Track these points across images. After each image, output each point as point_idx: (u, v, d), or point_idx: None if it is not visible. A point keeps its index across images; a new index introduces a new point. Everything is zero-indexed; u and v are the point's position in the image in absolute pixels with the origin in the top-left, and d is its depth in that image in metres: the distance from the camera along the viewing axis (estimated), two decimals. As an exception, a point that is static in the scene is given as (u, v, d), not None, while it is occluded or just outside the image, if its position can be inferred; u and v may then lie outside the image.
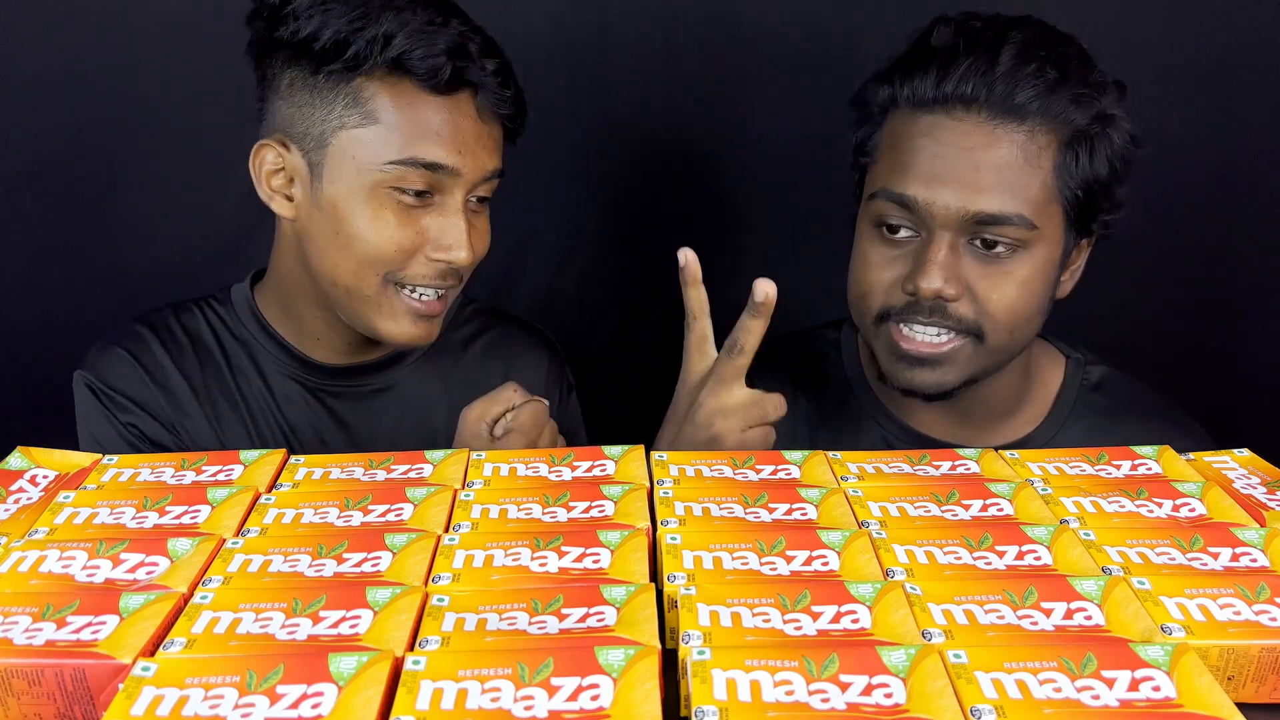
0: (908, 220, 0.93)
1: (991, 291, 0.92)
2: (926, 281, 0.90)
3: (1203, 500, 0.72)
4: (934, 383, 0.95)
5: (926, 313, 0.93)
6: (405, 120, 0.92)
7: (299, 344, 1.05)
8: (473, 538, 0.66)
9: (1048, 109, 0.89)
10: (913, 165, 0.91)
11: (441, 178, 0.93)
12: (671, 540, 0.65)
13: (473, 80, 0.94)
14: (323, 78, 0.92)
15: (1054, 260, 0.94)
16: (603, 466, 0.76)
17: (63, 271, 1.37)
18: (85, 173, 1.33)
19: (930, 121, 0.91)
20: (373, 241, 0.93)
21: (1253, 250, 1.38)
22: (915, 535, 0.67)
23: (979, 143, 0.89)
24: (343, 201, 0.93)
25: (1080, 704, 0.51)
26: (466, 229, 0.95)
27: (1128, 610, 0.58)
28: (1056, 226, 0.93)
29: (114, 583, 0.61)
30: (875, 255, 0.96)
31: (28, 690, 0.54)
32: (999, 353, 0.96)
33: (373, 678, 0.52)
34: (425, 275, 0.96)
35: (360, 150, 0.92)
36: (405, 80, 0.92)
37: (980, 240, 0.91)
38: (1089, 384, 1.06)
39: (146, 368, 1.03)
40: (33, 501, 0.72)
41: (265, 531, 0.67)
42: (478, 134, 0.95)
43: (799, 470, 0.76)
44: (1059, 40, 0.93)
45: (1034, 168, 0.90)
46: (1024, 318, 0.94)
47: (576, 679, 0.51)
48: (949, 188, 0.90)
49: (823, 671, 0.52)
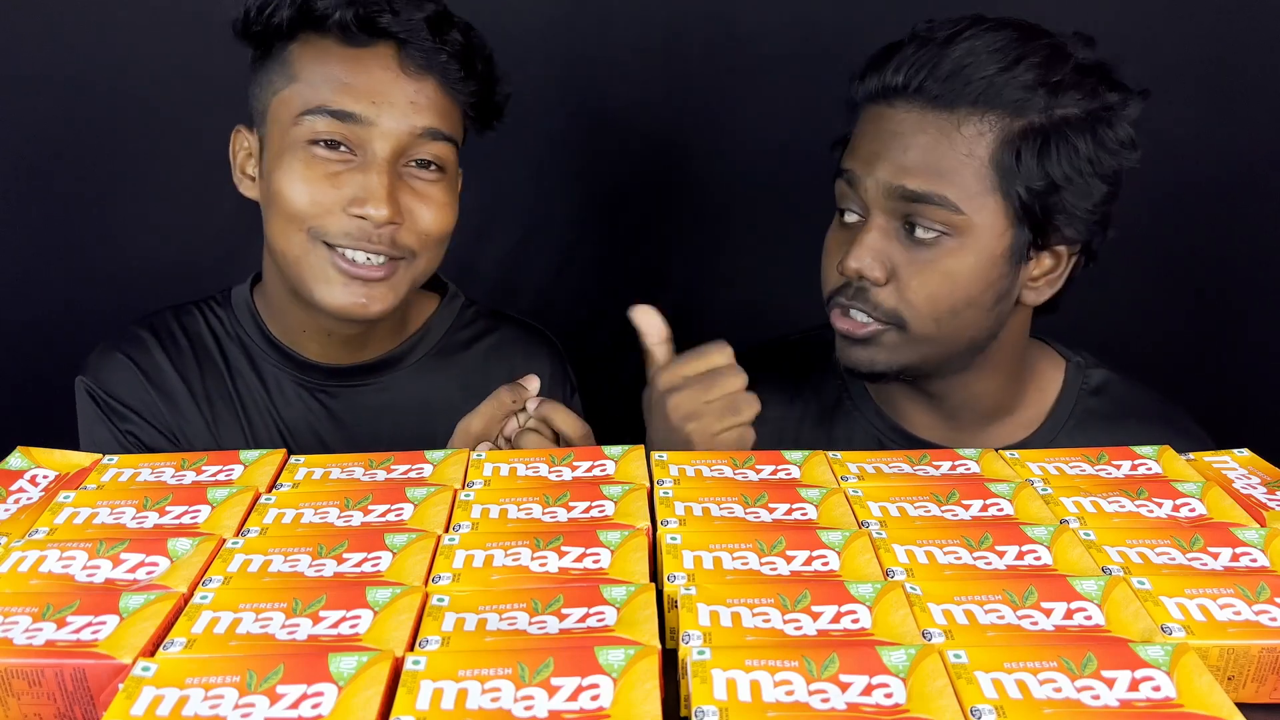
0: (854, 202, 0.96)
1: (913, 278, 0.92)
2: (852, 261, 0.93)
3: (1203, 500, 0.72)
4: (865, 361, 0.96)
5: (851, 293, 0.95)
6: (316, 72, 0.93)
7: (293, 344, 1.05)
8: (473, 538, 0.66)
9: (984, 99, 0.90)
10: (857, 148, 0.96)
11: (355, 129, 0.92)
12: (671, 540, 0.65)
13: (391, 30, 0.93)
14: (261, 54, 0.96)
15: (994, 255, 0.92)
16: (603, 466, 0.76)
17: (62, 271, 1.37)
18: (85, 173, 1.33)
19: (875, 111, 0.95)
20: (288, 194, 0.93)
21: (1252, 250, 1.39)
22: (915, 535, 0.67)
23: (909, 128, 0.92)
24: (273, 163, 0.95)
25: (1080, 704, 0.51)
26: (387, 186, 0.92)
27: (1128, 610, 0.58)
28: (996, 220, 0.92)
29: (114, 583, 0.61)
30: (831, 240, 0.99)
31: (28, 690, 0.54)
32: (930, 343, 0.94)
33: (373, 678, 0.52)
34: (348, 233, 0.93)
35: (282, 110, 0.94)
36: (325, 39, 0.93)
37: (912, 226, 0.92)
38: (1088, 388, 1.05)
39: (146, 373, 1.03)
40: (33, 501, 0.72)
41: (265, 531, 0.67)
42: (399, 87, 0.93)
43: (799, 470, 0.76)
44: (1026, 35, 0.92)
45: (964, 155, 0.91)
46: (948, 309, 0.93)
47: (576, 679, 0.51)
48: (881, 165, 0.93)
49: (823, 671, 0.52)
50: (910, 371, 0.97)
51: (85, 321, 1.36)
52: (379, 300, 0.96)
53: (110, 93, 1.30)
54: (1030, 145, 0.90)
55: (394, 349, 1.08)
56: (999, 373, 1.01)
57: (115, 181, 1.35)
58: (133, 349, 1.05)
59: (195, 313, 1.08)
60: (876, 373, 0.97)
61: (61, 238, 1.36)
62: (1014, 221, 0.93)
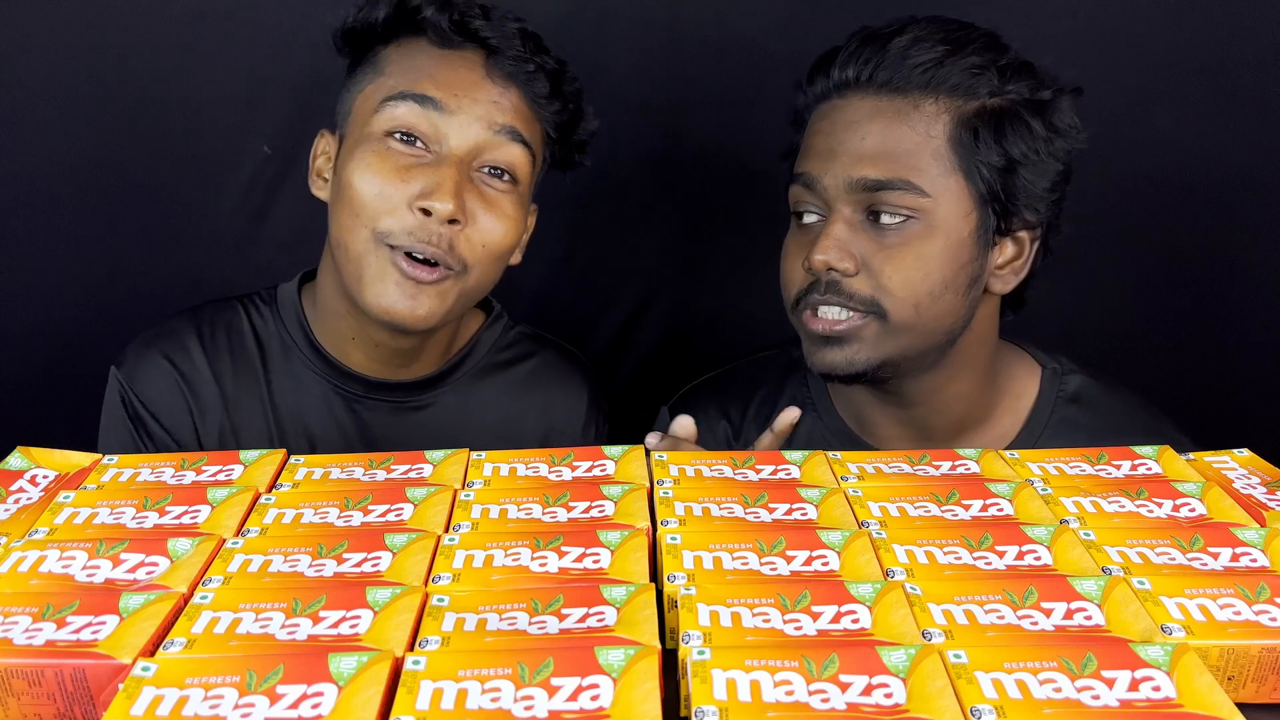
0: (813, 203, 0.95)
1: (886, 265, 0.92)
2: (819, 253, 0.92)
3: (1203, 500, 0.72)
4: (844, 361, 0.95)
5: (823, 290, 0.93)
6: (403, 66, 0.94)
7: (338, 352, 1.03)
8: (473, 538, 0.66)
9: (935, 80, 0.92)
10: (811, 147, 0.96)
11: (434, 118, 0.93)
12: (671, 540, 0.65)
13: (482, 35, 0.95)
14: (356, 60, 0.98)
15: (961, 237, 0.93)
16: (603, 466, 0.76)
17: (62, 272, 1.37)
18: (85, 173, 1.33)
19: (826, 108, 0.96)
20: (356, 186, 0.93)
21: (1252, 250, 1.38)
22: (915, 535, 0.67)
23: (863, 116, 0.93)
24: (346, 157, 0.95)
25: (1080, 704, 0.51)
26: (456, 183, 0.92)
27: (1128, 610, 0.58)
28: (960, 201, 0.92)
29: (114, 583, 0.61)
30: (791, 244, 0.99)
31: (28, 690, 0.54)
32: (908, 332, 0.94)
33: (373, 678, 0.52)
34: (409, 230, 0.92)
35: (365, 103, 0.95)
36: (417, 39, 0.95)
37: (876, 214, 0.92)
38: (1065, 395, 1.03)
39: (182, 376, 1.02)
40: (33, 501, 0.72)
41: (265, 531, 0.67)
42: (484, 88, 0.94)
43: (799, 470, 0.76)
44: (963, 27, 0.95)
45: (921, 136, 0.91)
46: (926, 293, 0.92)
47: (576, 679, 0.51)
48: (837, 160, 0.93)
49: (823, 671, 0.52)
50: (888, 367, 0.95)
51: (85, 321, 1.36)
52: (425, 304, 0.94)
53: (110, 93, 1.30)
54: (987, 124, 0.92)
55: (439, 368, 1.07)
56: (972, 372, 1.00)
57: (115, 182, 1.35)
58: (172, 348, 1.03)
59: (239, 309, 1.06)
60: (855, 372, 0.95)
61: (61, 238, 1.36)
62: (977, 203, 0.93)
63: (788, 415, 0.92)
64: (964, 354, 0.99)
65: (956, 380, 1.00)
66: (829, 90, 0.96)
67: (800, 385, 1.08)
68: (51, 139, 1.32)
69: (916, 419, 1.02)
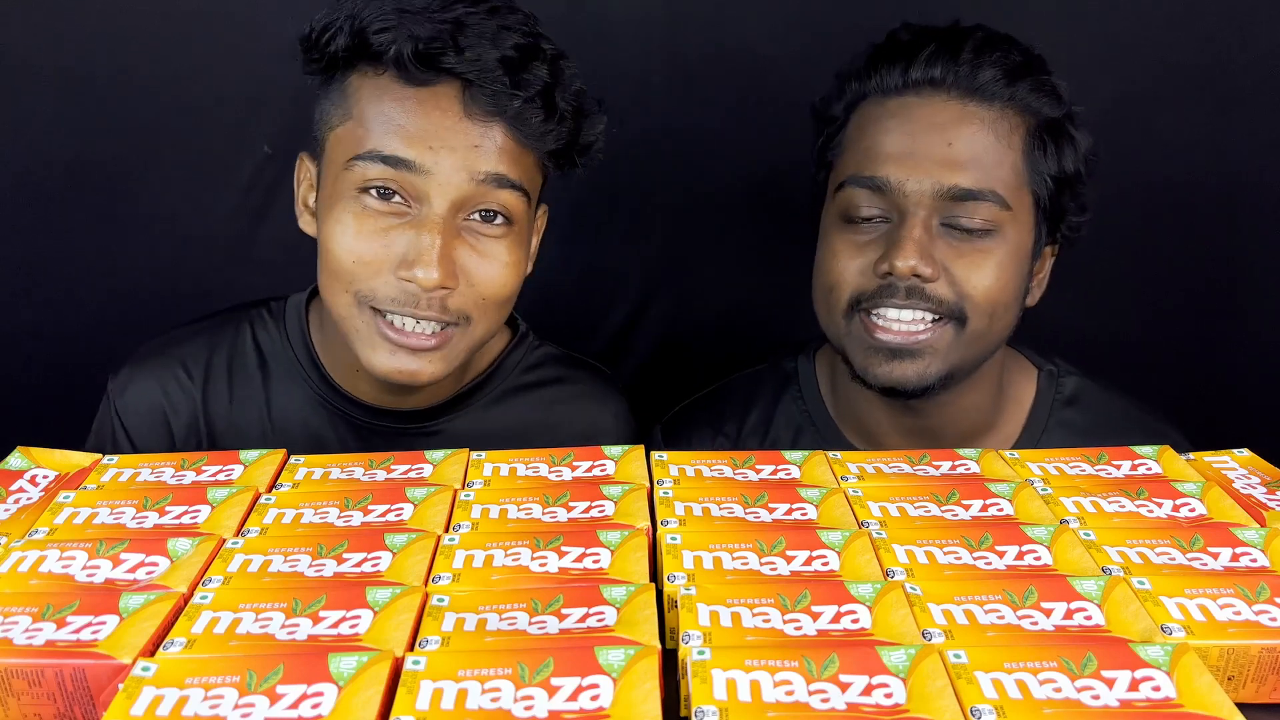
0: (878, 206, 0.92)
1: (970, 272, 0.90)
2: (903, 259, 0.88)
3: (1203, 500, 0.72)
4: (916, 375, 0.91)
5: (903, 295, 0.90)
6: (372, 112, 0.84)
7: (343, 378, 0.97)
8: (473, 538, 0.66)
9: (1014, 93, 0.91)
10: (884, 147, 0.91)
11: (411, 178, 0.83)
12: (671, 540, 0.65)
13: (456, 71, 0.83)
14: (323, 81, 0.88)
15: (1026, 250, 0.93)
16: (603, 466, 0.76)
17: (63, 272, 1.37)
18: (86, 173, 1.33)
19: (899, 104, 0.92)
20: (335, 251, 0.85)
21: (1252, 250, 1.38)
22: (915, 535, 0.67)
23: (950, 119, 0.90)
24: (324, 208, 0.87)
25: (1080, 704, 0.51)
26: (441, 246, 0.83)
27: (1128, 610, 0.58)
28: (1028, 214, 0.93)
29: (114, 583, 0.61)
30: (842, 244, 0.94)
31: (28, 690, 0.54)
32: (978, 341, 0.93)
33: (373, 678, 0.52)
34: (394, 298, 0.85)
35: (337, 150, 0.86)
36: (386, 74, 0.85)
37: (954, 223, 0.90)
38: (1062, 398, 1.03)
39: (168, 397, 0.98)
40: (33, 501, 0.72)
41: (265, 531, 0.67)
42: (462, 132, 0.84)
43: (799, 470, 0.76)
44: (1016, 41, 0.94)
45: (1005, 148, 0.90)
46: (1002, 303, 0.92)
47: (576, 679, 0.51)
48: (922, 165, 0.90)
49: (823, 671, 0.52)
50: (950, 380, 0.93)
51: (85, 321, 1.36)
52: (429, 369, 0.88)
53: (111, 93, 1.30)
54: (1052, 140, 0.92)
55: (455, 391, 0.99)
56: (986, 382, 0.99)
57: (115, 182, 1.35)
58: (166, 366, 0.98)
59: (246, 324, 1.00)
60: (926, 386, 0.92)
61: (61, 238, 1.36)
62: (1037, 218, 0.94)
63: None
64: (985, 365, 0.98)
65: (973, 391, 0.99)
66: (901, 85, 0.92)
67: (795, 399, 1.06)
68: (52, 139, 1.32)
69: (928, 430, 1.00)
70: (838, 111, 0.97)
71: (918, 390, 0.93)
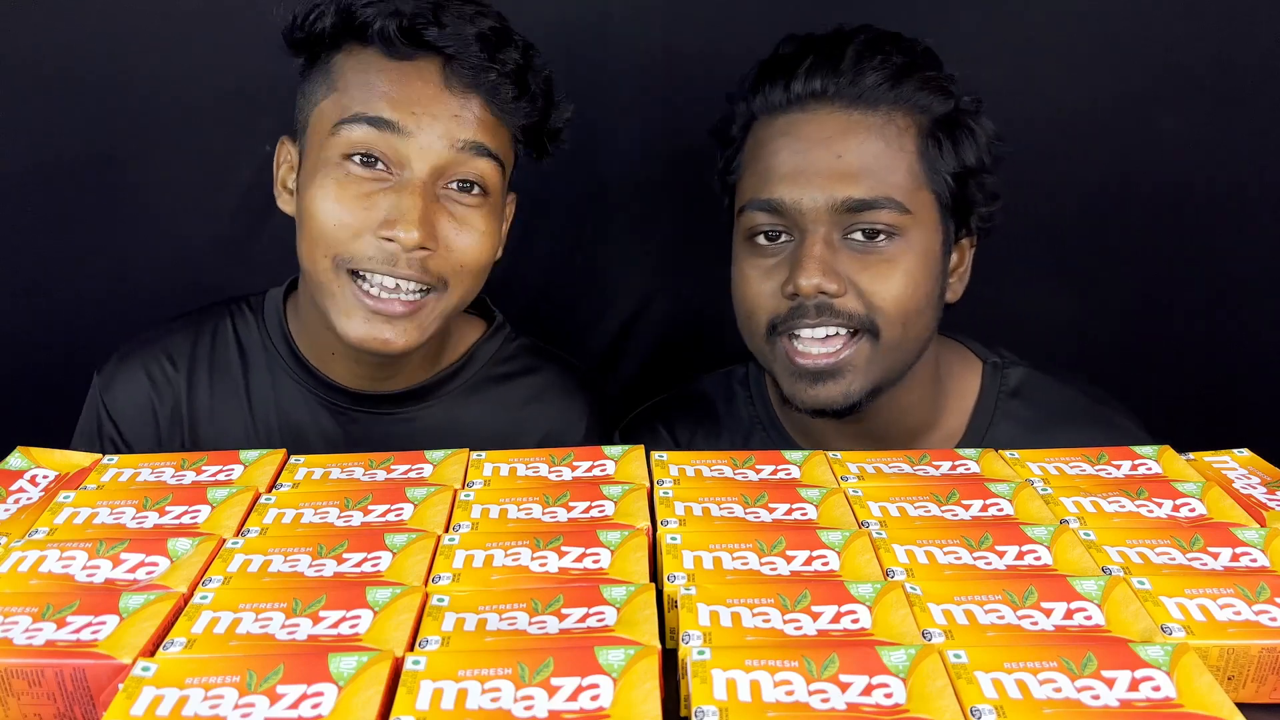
0: (779, 225, 0.91)
1: (875, 283, 0.90)
2: (805, 278, 0.88)
3: (1203, 500, 0.72)
4: (840, 395, 0.91)
5: (813, 314, 0.90)
6: (356, 82, 0.89)
7: (321, 364, 1.00)
8: (473, 538, 0.66)
9: (899, 96, 0.90)
10: (776, 167, 0.91)
11: (392, 141, 0.87)
12: (671, 540, 0.65)
13: (436, 44, 0.89)
14: (307, 63, 0.93)
15: (934, 252, 0.92)
16: (603, 466, 0.76)
17: (63, 271, 1.37)
18: (86, 172, 1.33)
19: (786, 121, 0.92)
20: (317, 214, 0.89)
21: (1252, 250, 1.38)
22: (915, 535, 0.67)
23: (836, 131, 0.90)
24: (305, 178, 0.91)
25: (1080, 704, 0.51)
26: (421, 208, 0.87)
27: (1128, 610, 0.58)
28: (931, 215, 0.92)
29: (114, 583, 0.61)
30: (751, 268, 0.94)
31: (28, 690, 0.54)
32: (895, 350, 0.92)
33: (373, 678, 0.52)
34: (374, 258, 0.88)
35: (321, 121, 0.91)
36: (369, 49, 0.90)
37: (855, 232, 0.90)
38: (1007, 390, 1.01)
39: (155, 388, 1.00)
40: (33, 501, 0.72)
41: (265, 531, 0.67)
42: (443, 101, 0.89)
43: (799, 470, 0.76)
44: (901, 38, 0.94)
45: (896, 152, 0.90)
46: (913, 309, 0.91)
47: (576, 679, 0.51)
48: (814, 181, 0.89)
49: (823, 671, 0.52)
50: (875, 393, 0.93)
51: (86, 321, 1.36)
52: (403, 336, 0.90)
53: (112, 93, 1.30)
54: (946, 134, 0.91)
55: (429, 378, 1.02)
56: (921, 380, 0.99)
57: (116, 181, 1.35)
58: (151, 359, 1.01)
59: (226, 316, 1.04)
60: (851, 404, 0.92)
61: (62, 237, 1.36)
62: (941, 214, 0.93)
63: None
64: (917, 365, 0.97)
65: (907, 390, 0.98)
66: (786, 102, 0.92)
67: (747, 403, 1.06)
68: (52, 139, 1.32)
69: (870, 432, 0.99)
70: (735, 133, 0.98)
71: (844, 410, 0.92)
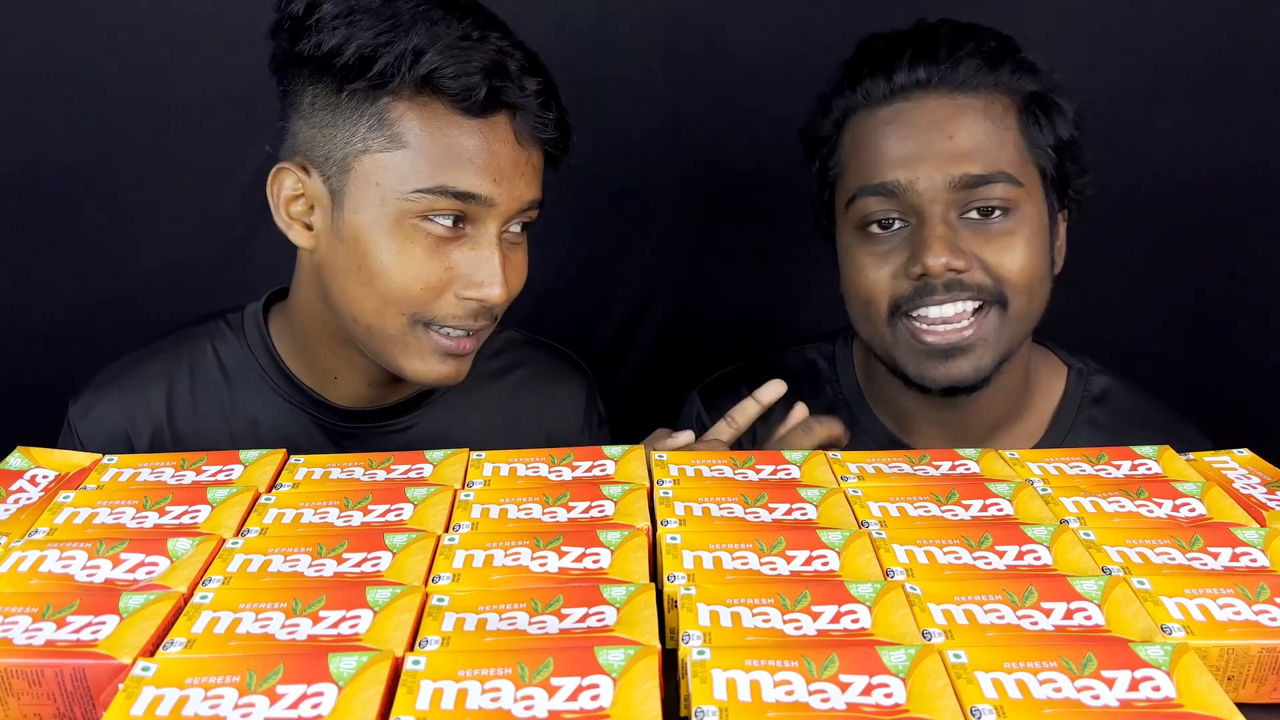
0: (894, 210, 0.94)
1: (1001, 256, 0.92)
2: (933, 257, 0.90)
3: (1203, 500, 0.72)
4: (971, 370, 0.93)
5: (942, 290, 0.92)
6: (435, 145, 0.85)
7: (314, 383, 0.98)
8: (473, 538, 0.66)
9: (997, 79, 0.94)
10: (887, 153, 0.94)
11: (474, 208, 0.86)
12: (671, 540, 0.65)
13: (511, 102, 0.86)
14: (346, 96, 0.85)
15: (1043, 224, 0.96)
16: (603, 466, 0.76)
17: (64, 272, 1.37)
18: (86, 174, 1.33)
19: (891, 110, 0.94)
20: (398, 279, 0.86)
21: (1253, 250, 1.39)
22: (915, 535, 0.67)
23: (945, 115, 0.93)
24: (366, 233, 0.86)
25: (1080, 704, 0.51)
26: (501, 263, 0.87)
27: (1128, 610, 0.58)
28: (1037, 189, 0.95)
29: (114, 583, 0.61)
30: (867, 257, 0.96)
31: (28, 690, 0.54)
32: (1021, 321, 0.95)
33: (373, 678, 0.52)
34: (455, 315, 0.88)
35: (386, 177, 0.85)
36: (436, 100, 0.85)
37: (971, 211, 0.92)
38: (1090, 396, 1.04)
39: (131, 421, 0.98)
40: (33, 501, 0.72)
41: (265, 531, 0.67)
42: (515, 161, 0.87)
43: (799, 470, 0.76)
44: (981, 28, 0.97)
45: (1004, 130, 0.93)
46: (1038, 279, 0.95)
47: (576, 679, 0.51)
48: (929, 162, 0.92)
49: (823, 671, 0.52)
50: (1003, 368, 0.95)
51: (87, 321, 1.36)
52: (466, 368, 0.92)
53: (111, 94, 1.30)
54: (1043, 113, 0.94)
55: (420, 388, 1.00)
56: (1016, 371, 1.01)
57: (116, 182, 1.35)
58: (128, 389, 0.99)
59: (206, 339, 1.01)
60: (983, 379, 0.94)
61: (63, 238, 1.36)
62: (1045, 189, 0.96)
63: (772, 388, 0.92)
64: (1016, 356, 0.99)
65: (1003, 376, 0.99)
66: (889, 94, 0.94)
67: (831, 381, 1.08)
68: (53, 139, 1.32)
69: (959, 419, 1.01)
70: (827, 131, 0.99)
71: (976, 384, 0.95)
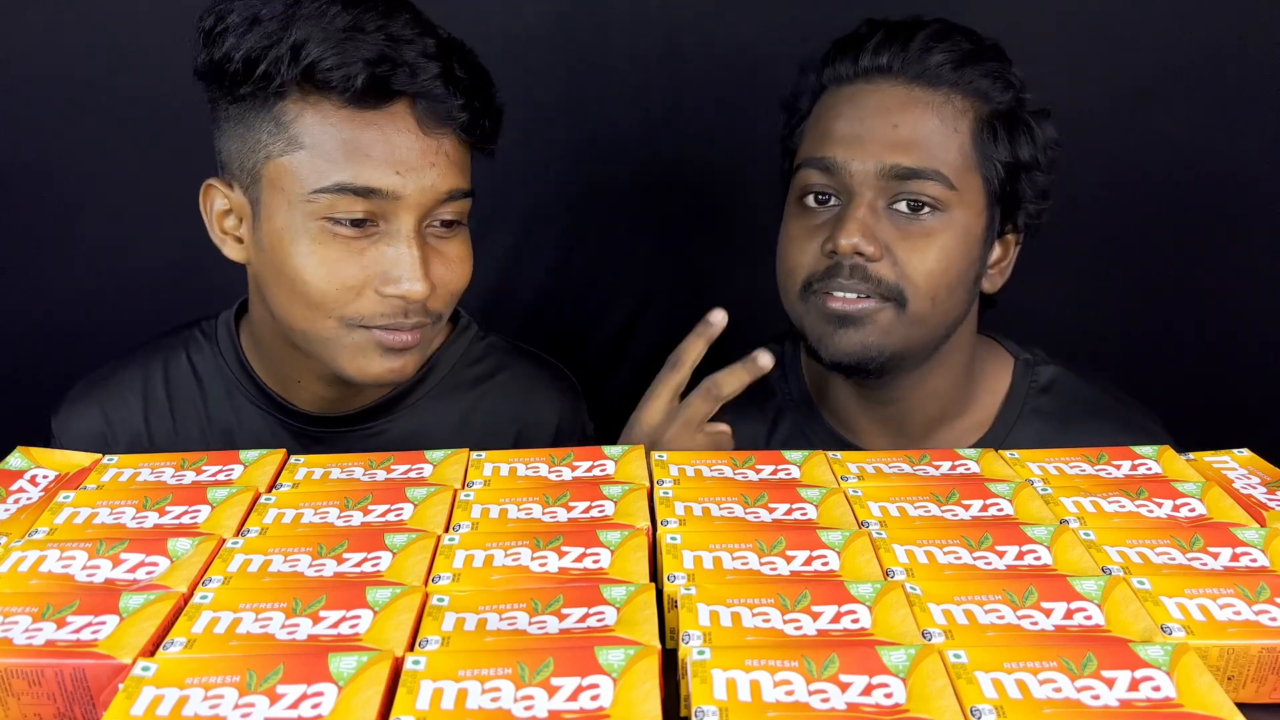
0: (829, 185, 0.95)
1: (911, 254, 0.92)
2: (845, 237, 0.91)
3: (1203, 500, 0.72)
4: (858, 344, 0.93)
5: (847, 273, 0.92)
6: (331, 142, 0.83)
7: (280, 389, 0.98)
8: (473, 538, 0.66)
9: (961, 78, 0.93)
10: (834, 131, 0.95)
11: (381, 203, 0.84)
12: (671, 540, 0.65)
13: (405, 90, 0.84)
14: (246, 103, 0.84)
15: (975, 235, 0.95)
16: (603, 466, 0.76)
17: (64, 272, 1.37)
18: (87, 173, 1.34)
19: (852, 91, 0.96)
20: (314, 282, 0.85)
21: (1252, 249, 1.39)
22: (915, 535, 0.67)
23: (895, 104, 0.93)
24: (279, 239, 0.85)
25: (1080, 704, 0.51)
26: (420, 259, 0.85)
27: (1128, 610, 0.58)
28: (976, 198, 0.94)
29: (114, 583, 0.61)
30: (798, 228, 0.97)
31: (28, 690, 0.54)
32: (920, 325, 0.94)
33: (373, 678, 0.52)
34: (382, 314, 0.87)
35: (289, 181, 0.84)
36: (327, 97, 0.83)
37: (900, 203, 0.92)
38: (1037, 386, 1.03)
39: (111, 430, 0.99)
40: (33, 501, 0.72)
41: (265, 531, 0.67)
42: (422, 150, 0.85)
43: (799, 470, 0.76)
44: (975, 32, 0.97)
45: (951, 131, 0.93)
46: (944, 286, 0.93)
47: (576, 679, 0.51)
48: (868, 147, 0.92)
49: (823, 671, 0.52)
50: (893, 361, 0.95)
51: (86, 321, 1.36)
52: (411, 364, 0.91)
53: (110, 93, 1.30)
54: (1003, 126, 0.94)
55: (393, 391, 1.00)
56: (952, 368, 1.01)
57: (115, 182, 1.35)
58: (107, 399, 1.00)
59: (181, 347, 1.02)
60: (868, 358, 0.94)
61: (64, 239, 1.37)
62: (988, 201, 0.95)
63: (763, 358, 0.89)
64: (948, 351, 0.99)
65: (938, 376, 1.00)
66: (853, 74, 0.96)
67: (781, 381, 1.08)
68: (54, 140, 1.32)
69: (896, 415, 1.02)
70: (803, 104, 1.01)
71: (859, 362, 0.94)
